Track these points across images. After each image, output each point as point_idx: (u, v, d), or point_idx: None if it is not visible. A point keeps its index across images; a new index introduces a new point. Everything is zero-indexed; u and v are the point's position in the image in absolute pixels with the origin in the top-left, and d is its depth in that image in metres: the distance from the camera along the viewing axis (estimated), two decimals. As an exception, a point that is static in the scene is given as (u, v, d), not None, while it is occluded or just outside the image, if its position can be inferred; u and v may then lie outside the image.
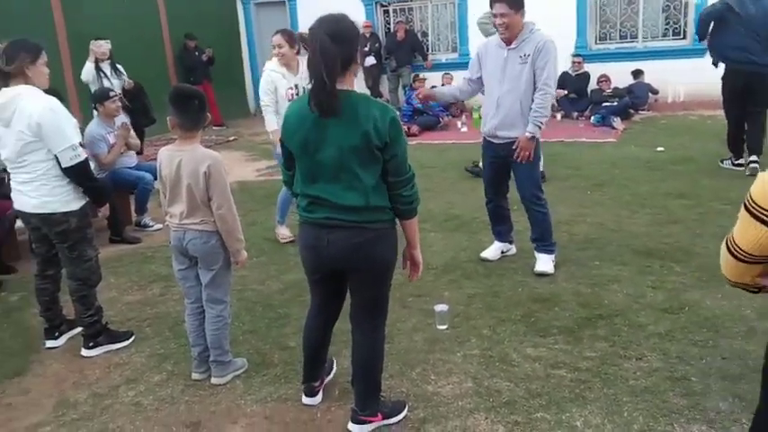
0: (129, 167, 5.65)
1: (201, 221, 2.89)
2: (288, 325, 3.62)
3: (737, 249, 1.33)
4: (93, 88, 6.49)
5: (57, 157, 3.11)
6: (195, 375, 3.11)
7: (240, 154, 9.34)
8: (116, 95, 5.59)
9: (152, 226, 5.71)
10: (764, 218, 1.21)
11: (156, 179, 5.66)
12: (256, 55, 13.34)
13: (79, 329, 3.54)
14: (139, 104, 6.50)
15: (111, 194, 4.49)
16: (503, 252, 4.41)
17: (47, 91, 3.20)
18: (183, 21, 11.37)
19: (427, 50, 12.22)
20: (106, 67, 6.50)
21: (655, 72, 10.22)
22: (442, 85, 11.13)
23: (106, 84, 6.39)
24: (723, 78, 6.44)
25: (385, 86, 12.29)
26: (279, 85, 4.76)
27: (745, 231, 1.29)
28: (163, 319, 3.83)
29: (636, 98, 10.06)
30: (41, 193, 3.16)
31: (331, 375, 2.98)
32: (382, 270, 2.46)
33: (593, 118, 9.65)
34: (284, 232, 5.11)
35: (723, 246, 1.41)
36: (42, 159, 3.12)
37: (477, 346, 3.25)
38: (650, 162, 6.96)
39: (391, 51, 11.83)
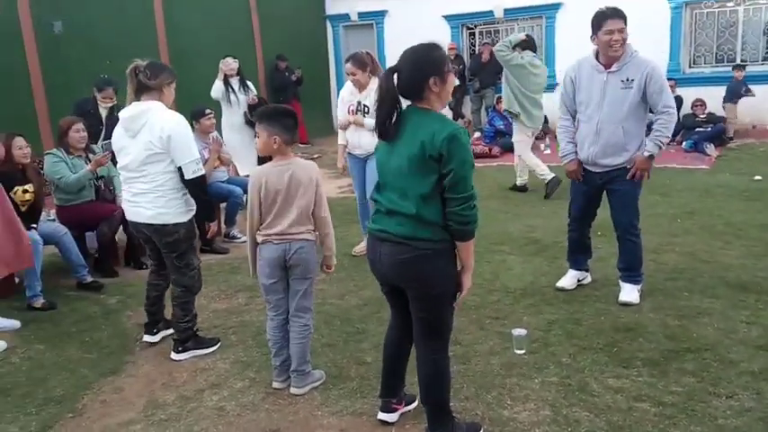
0: (221, 181, 5.92)
1: (307, 230, 3.08)
2: (365, 340, 3.68)
3: None
4: (223, 104, 6.82)
5: (181, 169, 3.34)
6: (276, 384, 3.21)
7: (323, 171, 9.53)
8: (211, 113, 5.88)
9: (240, 238, 5.94)
10: None
11: (245, 193, 5.97)
12: (342, 75, 13.68)
13: (172, 331, 3.74)
14: None
15: (215, 211, 4.76)
16: (579, 281, 4.29)
17: None
18: (276, 42, 11.86)
19: (511, 72, 12.13)
20: (235, 82, 6.85)
21: (753, 98, 9.71)
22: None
23: (233, 99, 6.73)
24: None
25: (467, 107, 12.30)
26: (345, 101, 5.09)
27: None
28: (247, 327, 3.98)
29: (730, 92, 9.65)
30: (157, 205, 3.38)
31: (411, 407, 2.90)
32: (430, 292, 2.46)
33: (684, 143, 9.28)
34: (363, 246, 5.21)
35: None
36: (162, 171, 3.36)
37: (556, 373, 3.18)
38: (746, 191, 6.62)
39: (475, 73, 11.84)
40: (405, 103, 2.45)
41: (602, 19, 3.72)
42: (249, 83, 7.16)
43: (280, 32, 12.08)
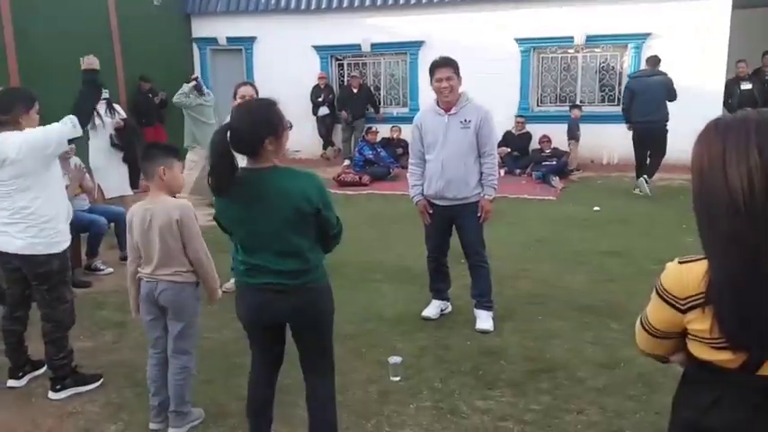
0: (83, 210, 5.62)
1: (175, 272, 2.99)
2: (244, 375, 3.59)
3: (650, 326, 1.55)
4: (90, 132, 6.49)
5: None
6: (153, 426, 3.14)
7: (193, 198, 9.32)
8: None
9: (103, 270, 5.68)
10: (673, 302, 1.43)
11: (109, 222, 5.73)
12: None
13: (42, 370, 3.55)
14: (126, 140, 6.55)
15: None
16: (441, 310, 4.58)
17: None
18: (139, 63, 11.42)
19: (379, 104, 12.62)
20: (101, 107, 6.55)
21: (591, 135, 10.87)
22: (391, 138, 11.54)
23: (98, 123, 6.41)
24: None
25: (338, 136, 12.58)
26: None
27: (656, 312, 1.50)
28: (117, 367, 3.82)
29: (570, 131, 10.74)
30: (29, 234, 3.21)
31: None
32: (326, 322, 2.68)
33: (534, 174, 10.16)
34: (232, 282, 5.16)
35: (638, 321, 1.63)
36: (32, 198, 3.23)
37: (429, 398, 3.40)
38: (587, 220, 7.40)
39: (346, 103, 12.16)
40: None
41: (433, 68, 4.16)
42: (116, 106, 6.92)
43: (143, 54, 11.62)
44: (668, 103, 8.62)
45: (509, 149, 10.91)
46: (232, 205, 2.47)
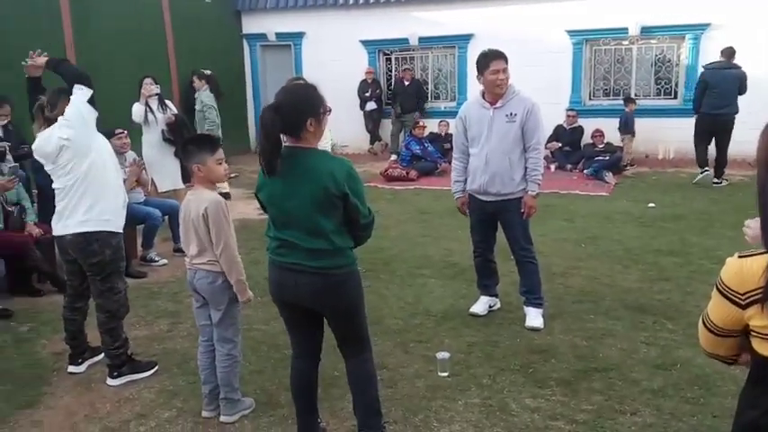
0: (138, 203, 5.78)
1: (209, 261, 3.06)
2: None
3: (712, 324, 1.50)
4: (143, 127, 6.73)
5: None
6: (205, 413, 3.21)
7: (241, 191, 9.47)
8: (122, 133, 5.72)
9: (158, 261, 5.83)
10: (733, 298, 1.39)
11: (163, 215, 5.88)
12: (260, 94, 13.64)
13: (101, 357, 3.69)
14: (179, 137, 6.74)
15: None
16: (490, 306, 4.52)
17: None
18: (191, 60, 11.66)
19: (427, 98, 12.57)
20: (154, 103, 6.77)
21: (646, 130, 10.57)
22: (439, 133, 11.47)
23: (151, 118, 6.63)
24: None
25: (386, 131, 12.58)
26: None
27: (717, 308, 1.46)
28: (170, 355, 3.92)
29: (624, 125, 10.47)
30: (83, 219, 3.37)
31: None
32: (350, 308, 2.68)
33: (586, 171, 9.93)
34: None
35: (700, 319, 1.57)
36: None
37: (478, 394, 3.37)
38: (642, 218, 7.19)
39: (396, 97, 12.16)
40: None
41: (486, 60, 4.04)
42: (168, 102, 7.11)
43: (195, 50, 11.88)
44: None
45: (560, 144, 10.70)
46: (270, 181, 2.55)
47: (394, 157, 11.60)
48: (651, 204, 7.79)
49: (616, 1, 10.74)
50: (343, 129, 10.47)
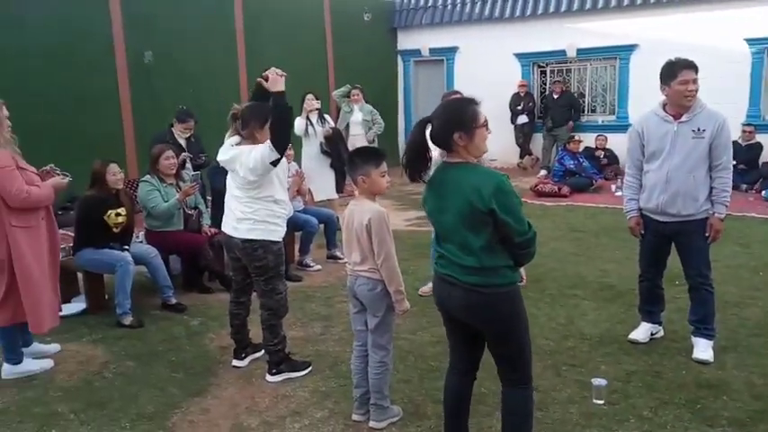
0: (298, 211, 6.11)
1: (370, 269, 3.13)
2: (440, 378, 3.64)
3: None
4: (303, 140, 7.18)
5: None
6: (355, 416, 3.29)
7: (390, 202, 9.71)
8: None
9: (312, 266, 6.11)
10: None
11: (319, 223, 6.17)
12: (411, 109, 13.92)
13: (261, 353, 3.94)
14: (334, 148, 7.11)
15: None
16: (652, 334, 4.19)
17: None
18: (348, 75, 12.18)
19: (583, 112, 12.10)
20: (314, 117, 7.22)
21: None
22: (596, 148, 10.98)
23: (311, 131, 7.04)
24: None
25: (536, 144, 12.28)
26: None
27: None
28: (323, 357, 4.08)
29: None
30: (252, 227, 3.61)
31: None
32: (503, 330, 2.58)
33: (764, 192, 8.98)
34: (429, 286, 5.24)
35: None
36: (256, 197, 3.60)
37: (638, 426, 3.14)
38: (834, 246, 6.36)
39: (547, 110, 11.84)
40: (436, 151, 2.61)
41: (676, 69, 3.72)
42: (326, 116, 7.47)
43: (352, 66, 12.42)
44: None
45: (734, 162, 9.75)
46: (429, 195, 2.62)
47: (544, 172, 11.28)
48: None
49: (806, 4, 9.68)
50: (492, 142, 10.09)
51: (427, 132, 2.58)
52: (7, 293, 3.72)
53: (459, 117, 2.52)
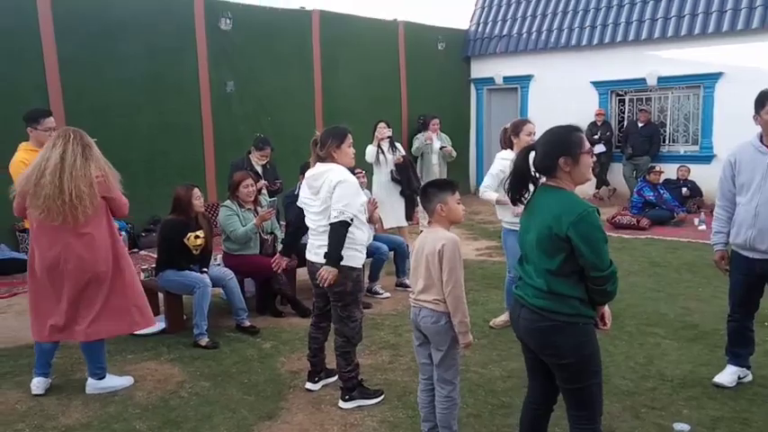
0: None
1: (434, 300, 3.08)
2: (511, 415, 3.61)
3: None
4: (374, 167, 7.32)
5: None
6: (424, 450, 3.24)
7: (460, 231, 9.63)
8: (360, 172, 6.00)
9: (381, 294, 6.13)
10: None
11: (390, 250, 6.19)
12: (482, 137, 13.85)
13: (334, 378, 3.98)
14: (405, 176, 7.18)
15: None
16: (739, 378, 3.94)
17: None
18: (421, 104, 12.30)
19: (664, 141, 11.69)
20: (385, 145, 7.34)
21: None
22: (678, 179, 10.57)
23: (381, 159, 7.18)
24: None
25: (613, 175, 11.93)
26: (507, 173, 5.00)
27: None
28: (392, 386, 4.05)
29: None
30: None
31: None
32: (567, 363, 2.50)
33: None
34: (502, 319, 5.13)
35: None
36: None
37: (725, 478, 2.95)
38: None
39: (628, 138, 11.53)
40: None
41: (764, 98, 3.56)
42: (397, 144, 7.54)
43: (425, 95, 12.53)
44: None
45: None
46: (524, 214, 2.67)
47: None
48: None
49: None
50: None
51: (530, 159, 2.60)
52: (104, 306, 3.88)
53: (564, 142, 2.54)
